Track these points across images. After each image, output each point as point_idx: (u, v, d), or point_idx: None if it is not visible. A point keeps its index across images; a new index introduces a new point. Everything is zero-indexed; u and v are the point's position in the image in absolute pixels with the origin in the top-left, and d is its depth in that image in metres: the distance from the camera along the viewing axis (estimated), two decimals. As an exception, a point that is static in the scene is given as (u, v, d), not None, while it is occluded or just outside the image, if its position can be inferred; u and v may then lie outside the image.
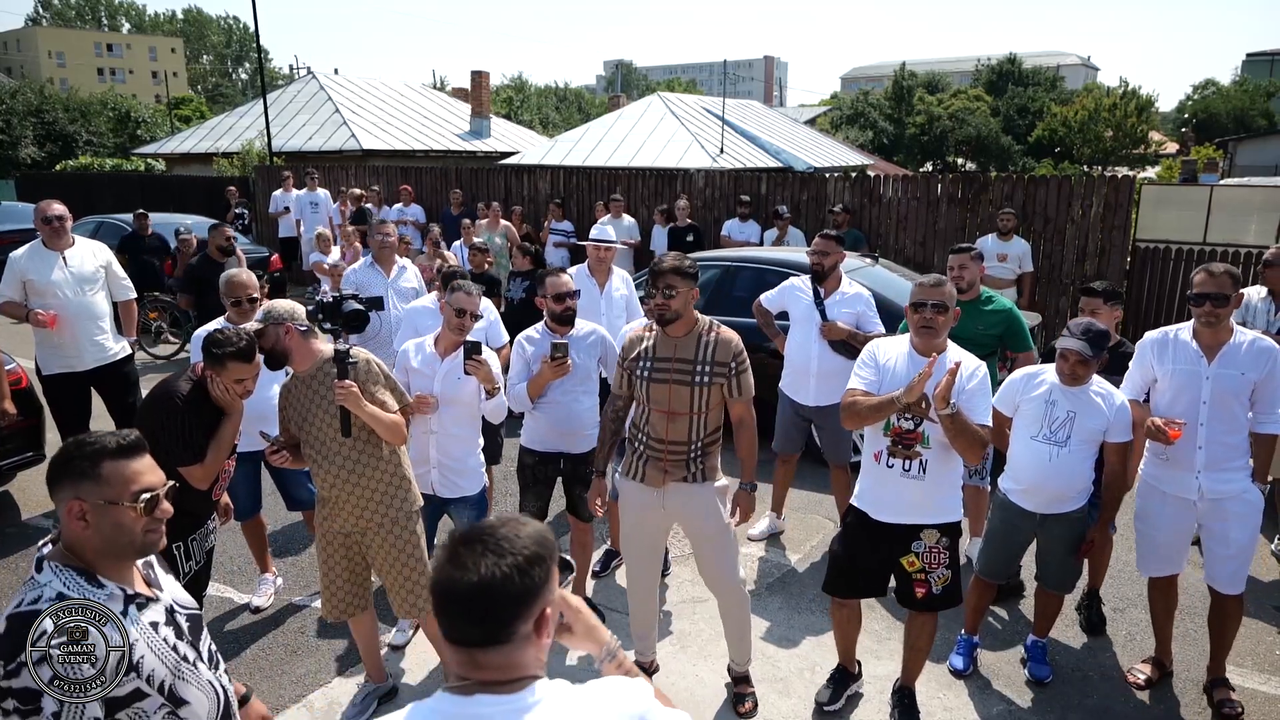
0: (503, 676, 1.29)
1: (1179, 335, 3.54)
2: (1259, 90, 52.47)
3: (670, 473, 3.35)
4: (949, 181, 9.84)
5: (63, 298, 5.06)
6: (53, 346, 5.15)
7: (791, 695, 3.72)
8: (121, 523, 1.76)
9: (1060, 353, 3.45)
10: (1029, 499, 3.61)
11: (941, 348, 3.23)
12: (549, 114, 57.54)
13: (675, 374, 3.28)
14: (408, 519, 3.39)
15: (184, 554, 3.27)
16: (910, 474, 3.21)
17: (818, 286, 4.88)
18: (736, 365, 3.30)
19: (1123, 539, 5.16)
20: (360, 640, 3.63)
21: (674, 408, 3.29)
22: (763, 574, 4.81)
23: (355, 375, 3.17)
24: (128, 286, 5.50)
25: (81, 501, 1.75)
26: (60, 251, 5.12)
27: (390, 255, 5.85)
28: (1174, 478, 3.56)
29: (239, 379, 3.14)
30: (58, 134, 35.60)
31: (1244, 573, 3.57)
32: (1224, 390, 3.41)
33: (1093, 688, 3.79)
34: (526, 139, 26.43)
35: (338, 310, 3.19)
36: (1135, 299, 8.71)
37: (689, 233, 10.40)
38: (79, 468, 1.76)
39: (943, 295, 3.19)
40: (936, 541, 3.26)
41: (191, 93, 69.24)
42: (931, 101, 47.65)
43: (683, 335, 3.32)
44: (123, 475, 1.78)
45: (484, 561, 1.26)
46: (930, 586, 3.30)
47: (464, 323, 3.77)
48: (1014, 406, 3.65)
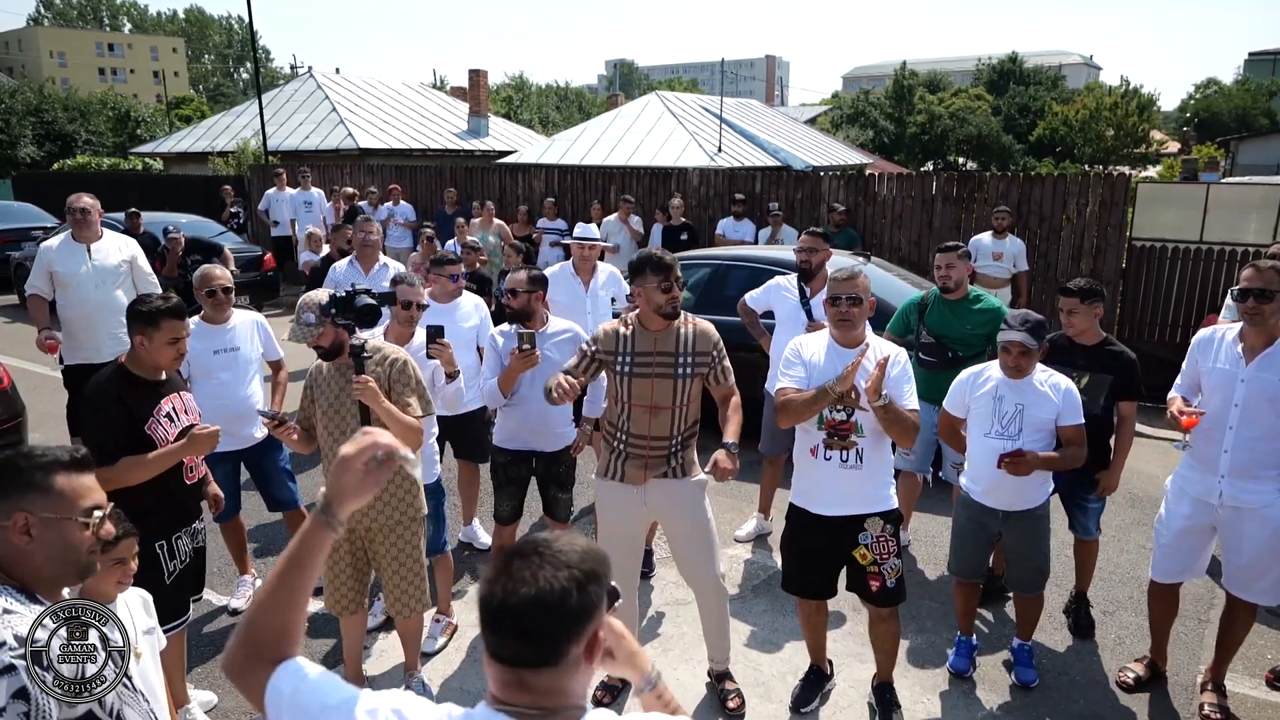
0: (549, 703, 1.22)
1: (1227, 335, 3.42)
2: (1261, 89, 52.30)
3: (651, 469, 3.34)
4: (944, 180, 9.77)
5: (85, 291, 5.19)
6: (73, 337, 5.31)
7: (773, 699, 3.67)
8: (69, 540, 1.68)
9: (1002, 346, 3.45)
10: (991, 497, 3.59)
11: (861, 338, 3.26)
12: (549, 113, 57.46)
13: (658, 367, 3.28)
14: (413, 521, 3.44)
15: (167, 553, 3.20)
16: (849, 464, 3.24)
17: (804, 285, 4.82)
18: (718, 354, 3.36)
19: (1114, 541, 5.11)
20: (347, 640, 3.62)
21: (656, 402, 3.28)
22: (748, 576, 4.76)
23: (386, 373, 3.25)
24: (153, 282, 5.56)
25: (28, 514, 1.65)
26: (87, 244, 5.26)
27: (372, 254, 5.83)
28: (1199, 480, 3.46)
29: (174, 339, 3.14)
30: (57, 133, 35.56)
31: (1265, 583, 3.38)
32: (1258, 394, 3.25)
33: (1080, 692, 3.73)
34: (524, 138, 26.38)
35: (350, 304, 3.18)
36: (1131, 298, 8.64)
37: (683, 231, 10.37)
38: (29, 478, 1.67)
39: (856, 288, 3.23)
40: (882, 530, 3.28)
41: (192, 93, 69.29)
42: (932, 100, 47.55)
43: (662, 329, 3.31)
44: (75, 489, 1.70)
45: (541, 574, 1.19)
46: (885, 579, 3.30)
47: (411, 314, 3.89)
48: (964, 407, 3.65)
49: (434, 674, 3.85)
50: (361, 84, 24.99)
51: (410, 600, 3.48)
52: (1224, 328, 3.49)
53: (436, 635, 4.12)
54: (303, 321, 3.22)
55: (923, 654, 3.99)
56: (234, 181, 16.15)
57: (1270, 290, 3.19)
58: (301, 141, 20.65)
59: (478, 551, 5.07)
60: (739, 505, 5.58)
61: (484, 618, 1.22)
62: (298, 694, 1.31)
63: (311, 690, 1.32)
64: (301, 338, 3.25)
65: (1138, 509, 5.55)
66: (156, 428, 3.14)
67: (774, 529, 5.27)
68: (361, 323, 3.21)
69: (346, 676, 3.64)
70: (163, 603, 3.14)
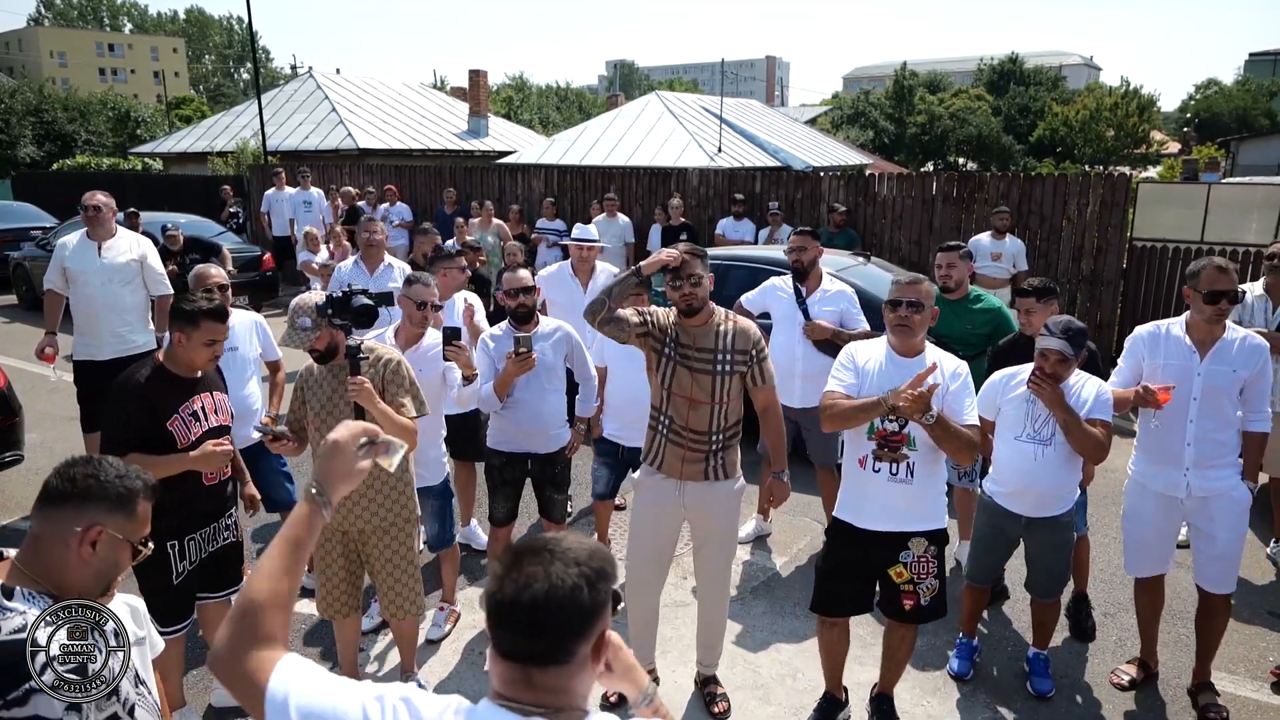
0: (555, 702, 1.22)
1: (1171, 330, 3.51)
2: (1261, 90, 52.29)
3: (689, 463, 3.28)
4: (944, 180, 9.75)
5: (93, 287, 5.23)
6: (81, 333, 5.35)
7: (771, 702, 3.64)
8: (121, 561, 1.74)
9: (1040, 352, 3.36)
10: (1016, 502, 3.53)
11: (920, 347, 3.18)
12: (549, 114, 57.43)
13: (697, 362, 3.23)
14: (407, 523, 3.41)
15: (177, 553, 3.17)
16: (898, 478, 3.13)
17: (799, 285, 4.79)
18: (757, 353, 3.29)
19: (1114, 543, 5.08)
20: (341, 643, 3.59)
21: (695, 395, 3.23)
22: (747, 577, 4.73)
23: (380, 374, 3.22)
24: (163, 282, 5.56)
25: (104, 529, 1.68)
26: (99, 241, 5.29)
27: (377, 254, 5.80)
28: (1162, 475, 3.52)
29: (211, 340, 3.14)
30: (56, 133, 35.53)
31: (1232, 573, 3.52)
32: (1215, 386, 3.38)
33: (1081, 694, 3.71)
34: (524, 138, 26.35)
35: (347, 305, 3.16)
36: (1132, 298, 8.63)
37: (683, 231, 10.35)
38: (118, 496, 1.70)
39: (919, 293, 3.14)
40: (925, 550, 3.17)
41: (193, 93, 69.27)
42: (933, 101, 47.52)
43: (701, 325, 3.26)
44: (145, 517, 1.77)
45: (552, 570, 1.20)
46: (919, 598, 3.20)
47: (425, 314, 3.83)
48: (995, 409, 3.58)
49: (431, 676, 3.83)
50: (361, 84, 24.96)
51: (405, 602, 3.45)
52: (1164, 324, 3.56)
53: (441, 624, 4.12)
54: (298, 326, 3.18)
55: (922, 656, 3.96)
56: (233, 181, 16.14)
57: (1237, 291, 3.39)
58: (301, 142, 20.62)
59: (475, 552, 5.04)
60: (738, 506, 5.55)
61: (492, 614, 1.22)
62: (300, 695, 1.27)
63: (313, 688, 1.29)
64: (297, 343, 3.21)
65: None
66: (178, 424, 3.14)
67: (773, 530, 5.25)
68: (358, 323, 3.20)
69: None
70: (168, 604, 3.13)
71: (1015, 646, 4.06)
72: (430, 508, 4.00)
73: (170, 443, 3.10)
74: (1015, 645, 4.07)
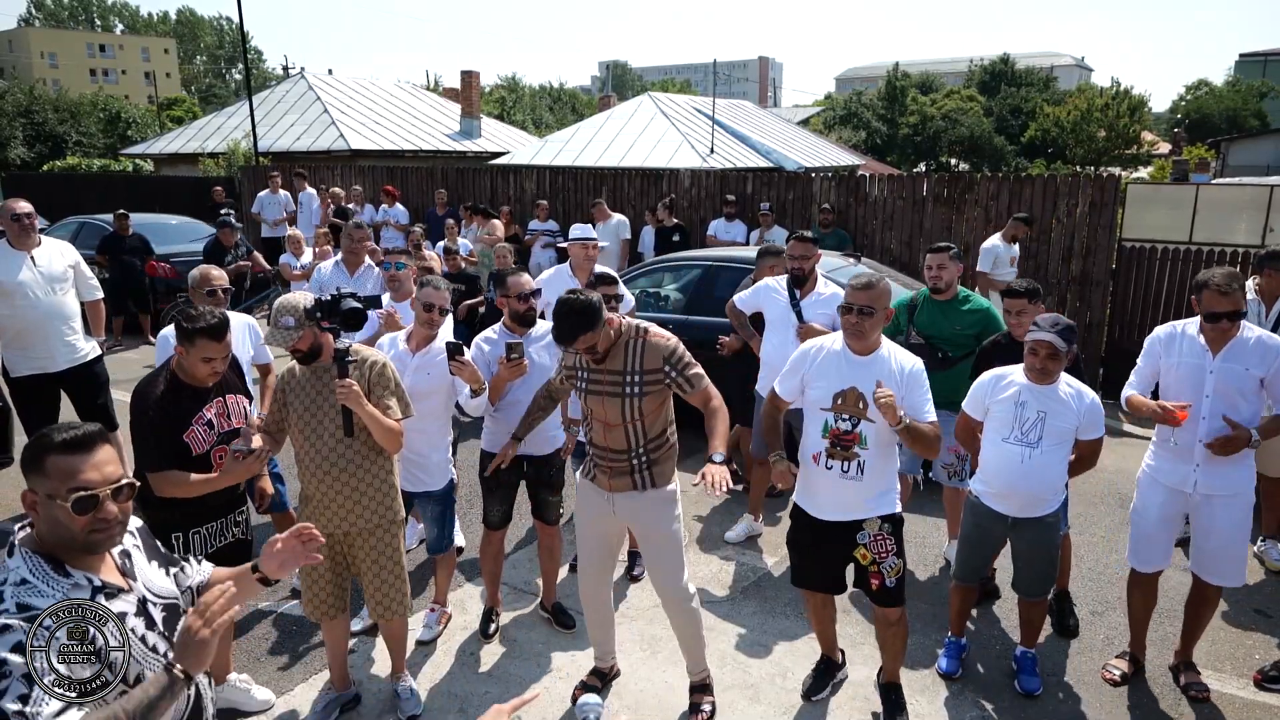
0: None
1: (1186, 329, 3.55)
2: (1251, 90, 52.55)
3: (615, 477, 3.30)
4: (935, 181, 9.78)
5: (32, 298, 4.98)
6: (21, 348, 5.05)
7: (761, 701, 3.65)
8: (58, 518, 1.74)
9: (1030, 347, 3.39)
10: (1002, 503, 3.55)
11: (875, 346, 3.24)
12: (542, 114, 57.43)
13: (605, 385, 3.20)
14: (392, 524, 3.40)
15: (182, 545, 3.18)
16: (849, 475, 3.22)
17: (794, 287, 4.81)
18: (673, 366, 3.16)
19: (1103, 540, 5.11)
20: (330, 644, 3.59)
21: (607, 419, 3.23)
22: (738, 578, 4.75)
23: (366, 376, 3.21)
24: (95, 286, 5.45)
25: (31, 492, 1.78)
26: (28, 251, 5.02)
27: (358, 258, 5.81)
28: (1172, 469, 3.56)
29: (207, 358, 3.12)
30: (47, 135, 35.43)
31: (1230, 567, 3.55)
32: (1227, 384, 3.40)
33: (1068, 693, 3.73)
34: (517, 139, 26.35)
35: (335, 308, 3.16)
36: (1120, 298, 8.66)
37: (675, 232, 10.37)
38: (30, 457, 1.79)
39: (871, 298, 3.16)
40: (879, 529, 3.26)
41: (184, 94, 68.94)
42: (924, 102, 47.67)
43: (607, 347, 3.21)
44: (61, 470, 1.76)
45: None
46: (884, 578, 3.28)
47: (433, 317, 3.84)
48: (984, 410, 3.60)
49: (423, 677, 3.83)
50: (353, 85, 24.94)
51: (392, 604, 3.44)
52: (1181, 324, 3.59)
53: (433, 625, 4.12)
54: (281, 325, 3.18)
55: (911, 655, 3.96)
56: (224, 183, 16.09)
57: (1242, 310, 3.36)
58: (293, 142, 20.59)
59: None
60: (729, 507, 5.56)
61: None
62: None
63: None
64: (279, 341, 3.21)
65: (1126, 509, 5.53)
66: (194, 435, 3.16)
67: (764, 530, 5.27)
68: (347, 327, 3.20)
69: (331, 681, 3.64)
70: None
71: (1003, 645, 4.08)
72: (431, 512, 4.00)
73: (186, 452, 3.14)
74: (1003, 644, 4.09)
